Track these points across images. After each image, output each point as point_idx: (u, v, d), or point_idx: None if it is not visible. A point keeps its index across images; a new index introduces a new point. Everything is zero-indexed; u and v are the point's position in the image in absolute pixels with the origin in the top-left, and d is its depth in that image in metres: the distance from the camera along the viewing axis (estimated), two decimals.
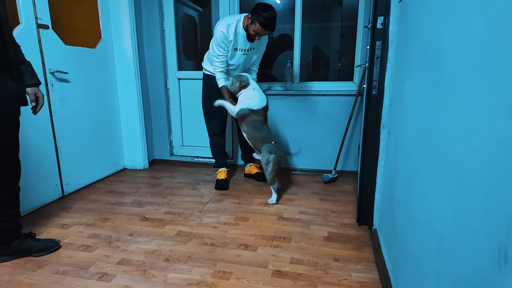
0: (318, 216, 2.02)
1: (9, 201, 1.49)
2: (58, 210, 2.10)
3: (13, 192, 1.51)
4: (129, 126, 2.95)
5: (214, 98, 2.32)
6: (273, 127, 2.84)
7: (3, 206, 1.47)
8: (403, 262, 1.12)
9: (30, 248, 1.55)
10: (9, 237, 1.52)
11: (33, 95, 1.50)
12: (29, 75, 1.49)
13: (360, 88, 2.57)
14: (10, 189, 1.49)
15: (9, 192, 1.49)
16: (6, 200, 1.48)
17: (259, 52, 2.43)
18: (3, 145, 1.41)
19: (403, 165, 1.22)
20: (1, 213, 1.48)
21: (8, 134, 1.42)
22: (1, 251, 1.52)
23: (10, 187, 1.49)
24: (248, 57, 2.38)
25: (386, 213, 1.53)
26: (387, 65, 1.64)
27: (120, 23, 2.76)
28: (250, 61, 2.43)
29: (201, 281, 1.39)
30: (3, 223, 1.49)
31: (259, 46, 2.39)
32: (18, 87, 1.44)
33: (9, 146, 1.44)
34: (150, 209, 2.12)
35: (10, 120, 1.42)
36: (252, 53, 2.38)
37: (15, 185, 1.51)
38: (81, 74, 2.46)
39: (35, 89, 1.51)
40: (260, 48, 2.42)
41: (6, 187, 1.47)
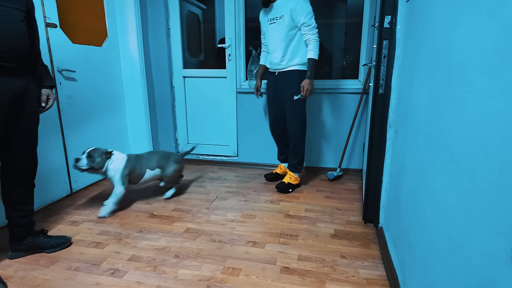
0: (324, 213, 2.04)
1: (25, 197, 1.53)
2: (67, 207, 2.13)
3: (30, 188, 1.54)
4: (135, 123, 2.98)
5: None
6: None
7: (20, 202, 1.51)
8: (411, 259, 1.14)
9: (42, 244, 1.58)
10: (23, 233, 1.55)
11: (45, 96, 1.54)
12: (45, 77, 1.55)
13: (365, 86, 2.58)
14: (28, 185, 1.53)
15: (27, 188, 1.52)
16: (23, 196, 1.52)
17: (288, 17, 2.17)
18: (31, 143, 1.48)
19: (410, 163, 1.24)
20: (16, 209, 1.51)
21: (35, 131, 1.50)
22: (15, 247, 1.55)
23: (28, 183, 1.52)
24: (279, 27, 2.23)
25: (392, 211, 1.55)
26: (394, 64, 1.66)
27: (126, 21, 2.78)
28: (282, 33, 2.22)
29: (211, 277, 1.41)
30: (18, 218, 1.52)
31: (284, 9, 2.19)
32: (38, 88, 1.50)
33: (32, 141, 1.49)
34: (158, 206, 2.15)
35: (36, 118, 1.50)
36: (281, 21, 2.22)
37: (32, 182, 1.55)
38: (87, 73, 2.48)
39: (48, 90, 1.56)
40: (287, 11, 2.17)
41: (24, 183, 1.51)
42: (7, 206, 1.51)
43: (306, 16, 2.14)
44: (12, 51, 1.30)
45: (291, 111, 2.33)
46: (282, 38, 2.23)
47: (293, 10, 2.14)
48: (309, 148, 2.90)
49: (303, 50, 2.24)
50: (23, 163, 1.48)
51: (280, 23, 2.22)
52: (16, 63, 1.33)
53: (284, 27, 2.20)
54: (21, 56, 1.34)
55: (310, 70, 2.21)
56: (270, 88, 2.47)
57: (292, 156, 2.45)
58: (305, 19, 2.14)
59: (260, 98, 2.88)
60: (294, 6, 2.13)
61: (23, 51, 1.34)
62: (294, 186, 2.45)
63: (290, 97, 2.29)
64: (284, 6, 2.18)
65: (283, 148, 2.62)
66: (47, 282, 1.38)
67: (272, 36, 2.29)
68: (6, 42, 1.27)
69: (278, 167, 2.67)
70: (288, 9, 2.16)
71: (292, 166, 2.46)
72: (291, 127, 2.36)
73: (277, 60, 2.30)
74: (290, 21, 2.18)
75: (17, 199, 1.50)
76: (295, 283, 1.37)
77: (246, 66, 2.94)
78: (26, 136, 1.46)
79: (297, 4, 2.13)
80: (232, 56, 2.90)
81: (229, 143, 3.12)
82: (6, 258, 1.54)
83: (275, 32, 2.26)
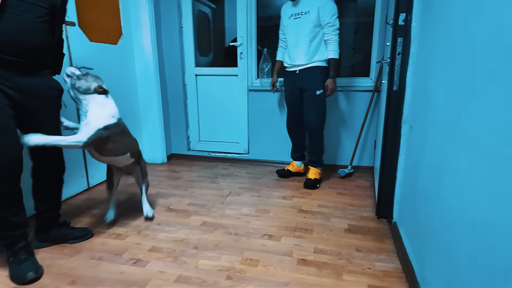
0: (337, 209, 2.07)
1: (54, 193, 1.59)
2: (86, 201, 2.18)
3: (59, 184, 1.60)
4: (148, 121, 3.03)
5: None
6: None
7: (49, 198, 1.57)
8: (429, 249, 1.17)
9: (66, 235, 1.64)
10: (48, 225, 1.61)
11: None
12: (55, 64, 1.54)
13: (377, 84, 2.60)
14: (56, 182, 1.59)
15: (55, 184, 1.59)
16: (52, 192, 1.59)
17: (314, 14, 2.21)
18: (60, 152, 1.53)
19: (429, 157, 1.27)
20: (45, 204, 1.57)
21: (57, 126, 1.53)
22: (41, 237, 1.61)
23: (57, 179, 1.58)
24: (304, 22, 2.26)
25: (407, 206, 1.58)
26: (409, 61, 1.68)
27: (140, 20, 2.83)
28: (307, 29, 2.25)
29: (230, 267, 1.45)
30: (45, 212, 1.58)
31: (311, 5, 2.23)
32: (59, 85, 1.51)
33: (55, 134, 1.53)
34: (174, 201, 2.20)
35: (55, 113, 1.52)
36: (306, 17, 2.25)
37: (61, 178, 1.61)
38: (103, 70, 2.52)
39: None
40: (314, 8, 2.21)
41: (53, 179, 1.57)
42: (36, 200, 1.56)
43: (332, 16, 2.21)
44: (18, 46, 1.26)
45: (312, 107, 2.37)
46: (306, 33, 2.27)
47: (321, 8, 2.20)
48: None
49: (323, 48, 2.30)
50: (50, 159, 1.52)
51: (305, 19, 2.26)
52: (24, 58, 1.29)
53: (310, 23, 2.24)
54: (29, 52, 1.30)
55: (333, 69, 2.29)
56: (289, 85, 2.49)
57: (313, 152, 2.49)
58: (330, 19, 2.21)
59: (271, 97, 2.91)
60: (323, 5, 2.20)
61: (33, 47, 1.30)
62: (319, 181, 2.50)
63: (312, 93, 2.33)
64: (312, 3, 2.23)
65: (299, 146, 2.65)
66: (73, 270, 1.43)
67: (295, 31, 2.32)
68: (10, 36, 1.22)
69: (291, 164, 2.70)
70: (316, 6, 2.21)
71: (314, 162, 2.51)
72: (312, 122, 2.40)
73: (298, 56, 2.33)
74: (316, 18, 2.22)
75: (46, 194, 1.56)
76: (313, 274, 1.41)
77: (257, 64, 2.98)
78: (48, 130, 1.45)
79: (325, 3, 2.20)
80: (244, 54, 2.94)
81: (240, 141, 3.16)
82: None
83: (299, 27, 2.29)
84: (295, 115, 2.53)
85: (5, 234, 1.37)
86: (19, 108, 1.33)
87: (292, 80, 2.45)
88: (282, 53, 2.55)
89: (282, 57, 2.55)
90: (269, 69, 2.91)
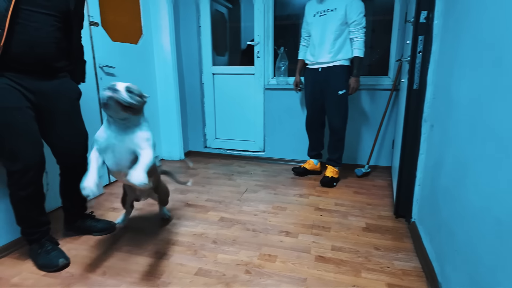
0: (354, 208, 2.07)
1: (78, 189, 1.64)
2: (108, 196, 2.25)
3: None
4: (166, 118, 3.09)
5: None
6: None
7: (74, 195, 1.62)
8: (451, 249, 1.16)
9: (90, 227, 1.71)
10: (74, 217, 1.69)
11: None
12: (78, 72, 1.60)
13: (395, 83, 2.58)
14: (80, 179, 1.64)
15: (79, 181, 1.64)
16: (77, 189, 1.63)
17: (342, 12, 2.21)
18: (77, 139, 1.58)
19: (451, 156, 1.25)
20: (70, 200, 1.65)
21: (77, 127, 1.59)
22: (67, 227, 1.70)
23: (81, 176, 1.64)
24: (330, 19, 2.25)
25: (427, 205, 1.56)
26: (430, 59, 1.66)
27: (160, 20, 2.89)
28: (334, 26, 2.24)
29: (248, 262, 1.48)
30: (70, 207, 1.67)
31: (339, 3, 2.22)
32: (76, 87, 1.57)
33: (78, 137, 1.59)
34: (192, 197, 2.24)
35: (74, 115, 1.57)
36: (333, 14, 2.24)
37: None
38: (124, 69, 2.60)
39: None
40: (342, 6, 2.20)
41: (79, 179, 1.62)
42: (63, 197, 1.64)
43: (359, 14, 2.22)
44: (33, 55, 1.30)
45: (335, 106, 2.37)
46: (332, 31, 2.26)
47: (348, 6, 2.20)
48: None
49: (348, 46, 2.29)
50: (74, 158, 1.56)
51: (332, 16, 2.25)
52: (40, 66, 1.34)
53: (337, 20, 2.24)
54: (44, 60, 1.35)
55: (357, 68, 2.29)
56: (310, 83, 2.49)
57: (333, 151, 2.49)
58: (357, 17, 2.21)
59: (287, 95, 2.92)
60: (350, 3, 2.20)
61: (46, 55, 1.35)
62: (336, 179, 2.49)
63: (334, 92, 2.33)
64: (339, 0, 2.23)
65: (316, 144, 2.65)
66: (98, 260, 1.48)
67: (321, 28, 2.31)
68: (25, 47, 1.27)
69: (307, 162, 2.70)
70: (344, 4, 2.21)
71: (333, 160, 2.50)
72: (335, 122, 2.40)
73: (322, 53, 2.33)
74: (343, 16, 2.22)
75: (71, 192, 1.62)
76: (331, 271, 1.41)
77: (274, 63, 2.99)
78: (69, 131, 1.51)
79: (353, 1, 2.20)
80: (261, 53, 2.96)
81: (255, 139, 3.18)
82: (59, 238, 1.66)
83: (325, 24, 2.28)
84: (315, 113, 2.53)
85: (32, 231, 1.46)
86: (39, 110, 1.39)
87: (313, 77, 2.44)
88: (304, 52, 2.54)
89: (304, 56, 2.54)
90: (286, 67, 2.92)
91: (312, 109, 2.53)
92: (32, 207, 1.41)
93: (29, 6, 1.24)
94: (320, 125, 2.58)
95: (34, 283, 1.34)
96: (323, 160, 2.75)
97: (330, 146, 2.52)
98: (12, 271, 1.42)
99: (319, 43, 2.33)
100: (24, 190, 1.34)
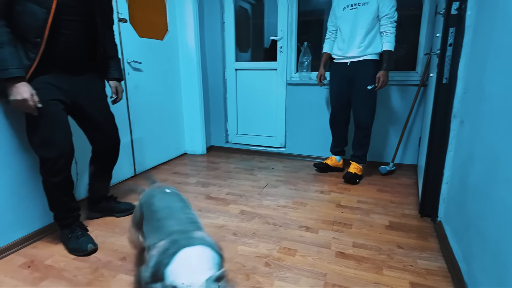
0: (378, 205, 2.02)
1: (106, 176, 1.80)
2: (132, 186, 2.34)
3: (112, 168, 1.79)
4: (190, 113, 3.16)
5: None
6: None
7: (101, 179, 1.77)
8: (479, 249, 1.11)
9: (113, 208, 1.85)
10: (99, 198, 1.83)
11: (114, 88, 1.70)
12: (113, 69, 1.69)
13: (423, 78, 2.49)
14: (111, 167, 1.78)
15: (108, 170, 1.79)
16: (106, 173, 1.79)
17: (374, 5, 2.17)
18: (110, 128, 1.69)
19: (482, 153, 1.20)
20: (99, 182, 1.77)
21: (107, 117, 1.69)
22: (91, 207, 1.83)
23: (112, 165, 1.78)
24: (362, 13, 2.20)
25: (454, 204, 1.50)
26: (461, 52, 1.59)
27: (184, 16, 2.94)
28: (365, 20, 2.20)
29: (268, 255, 1.49)
30: (97, 190, 1.79)
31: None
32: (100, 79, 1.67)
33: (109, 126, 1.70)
34: (213, 190, 2.28)
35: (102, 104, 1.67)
36: (365, 8, 2.20)
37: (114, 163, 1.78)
38: (151, 64, 2.68)
39: (116, 83, 1.71)
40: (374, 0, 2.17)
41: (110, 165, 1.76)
42: (94, 177, 1.76)
43: (391, 8, 2.18)
44: (67, 58, 1.44)
45: (363, 101, 2.33)
46: (363, 24, 2.22)
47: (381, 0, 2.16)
48: None
49: (378, 40, 2.25)
50: (109, 140, 1.68)
51: (364, 10, 2.21)
52: (72, 65, 1.48)
53: (369, 14, 2.19)
54: (76, 60, 1.49)
55: (386, 61, 2.23)
56: (336, 77, 2.44)
57: (358, 147, 2.44)
58: (389, 11, 2.17)
59: (309, 91, 2.89)
60: None
61: (79, 56, 1.48)
62: (360, 176, 2.45)
63: (363, 87, 2.29)
64: None
65: (339, 141, 2.61)
66: (124, 248, 1.55)
67: (351, 22, 2.25)
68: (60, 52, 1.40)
69: (329, 158, 2.67)
70: None
71: (358, 157, 2.45)
72: (362, 118, 2.35)
73: (352, 47, 2.28)
74: (376, 10, 2.18)
75: (104, 172, 1.76)
76: (352, 267, 1.40)
77: (296, 58, 2.97)
78: (101, 118, 1.62)
79: None
80: (284, 48, 2.94)
81: (277, 135, 3.18)
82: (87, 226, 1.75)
83: (356, 18, 2.23)
84: (340, 109, 2.48)
85: (64, 216, 1.56)
86: (74, 103, 1.50)
87: (341, 72, 2.39)
88: (330, 45, 2.49)
89: (330, 49, 2.49)
90: (309, 63, 2.90)
91: (337, 104, 2.49)
92: (63, 193, 1.50)
93: (64, 16, 1.35)
94: (345, 121, 2.53)
95: (65, 265, 1.42)
96: (346, 157, 2.71)
97: (355, 142, 2.47)
98: (45, 253, 1.51)
99: (349, 38, 2.28)
100: (56, 176, 1.43)
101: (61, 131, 1.42)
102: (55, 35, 1.34)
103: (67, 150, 1.44)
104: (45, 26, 1.29)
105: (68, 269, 1.39)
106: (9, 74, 1.23)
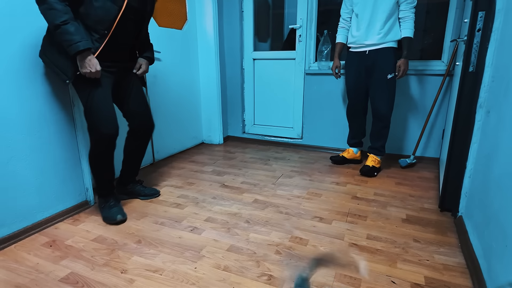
0: (395, 198, 1.97)
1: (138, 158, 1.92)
2: (152, 173, 2.40)
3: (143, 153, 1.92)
4: (208, 103, 3.18)
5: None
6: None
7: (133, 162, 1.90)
8: (501, 245, 1.06)
9: (139, 191, 1.96)
10: (128, 180, 1.93)
11: (138, 64, 1.78)
12: (145, 51, 1.81)
13: (449, 68, 2.36)
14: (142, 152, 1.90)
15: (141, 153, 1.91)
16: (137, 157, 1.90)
17: None
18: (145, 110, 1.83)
19: (507, 145, 1.13)
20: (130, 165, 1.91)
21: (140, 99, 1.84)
22: (119, 189, 1.93)
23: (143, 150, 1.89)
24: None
25: (477, 198, 1.43)
26: (490, 38, 1.49)
27: (204, 5, 2.94)
28: (387, 6, 2.10)
29: (279, 243, 1.49)
30: (127, 172, 1.92)
31: None
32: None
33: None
34: (228, 178, 2.30)
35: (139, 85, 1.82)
36: None
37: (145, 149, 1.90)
38: (169, 54, 2.71)
39: (142, 60, 1.79)
40: None
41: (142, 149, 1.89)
42: (127, 157, 1.87)
43: None
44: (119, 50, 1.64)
45: (382, 91, 2.24)
46: (384, 10, 2.12)
47: None
48: None
49: (397, 27, 2.16)
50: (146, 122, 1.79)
51: None
52: (122, 55, 1.68)
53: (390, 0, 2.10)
54: (126, 50, 1.69)
55: (406, 49, 2.14)
56: (353, 67, 2.35)
57: (377, 139, 2.37)
58: None
59: (328, 80, 2.83)
60: None
61: (129, 48, 1.70)
62: (378, 169, 2.39)
63: (383, 76, 2.21)
64: None
65: (357, 132, 2.54)
66: (139, 231, 1.60)
67: (371, 8, 2.15)
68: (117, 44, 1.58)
69: (346, 151, 2.61)
70: None
71: (376, 149, 2.39)
72: (381, 108, 2.27)
73: (371, 35, 2.18)
74: None
75: (137, 152, 1.86)
76: (365, 259, 1.37)
77: (316, 47, 2.90)
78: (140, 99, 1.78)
79: None
80: (303, 37, 2.88)
81: (294, 126, 3.15)
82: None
83: (376, 3, 2.13)
84: (358, 99, 2.41)
85: (103, 187, 1.73)
86: (119, 85, 1.71)
87: (359, 61, 2.30)
88: (344, 34, 2.40)
89: (344, 39, 2.40)
90: (328, 51, 2.82)
91: (355, 94, 2.41)
92: (105, 169, 1.68)
93: (127, 14, 1.53)
94: (363, 112, 2.46)
95: (84, 246, 1.48)
96: (364, 149, 2.64)
97: (373, 133, 2.39)
98: (66, 234, 1.59)
99: (368, 24, 2.18)
100: (103, 154, 1.61)
101: (110, 116, 1.58)
102: (116, 30, 1.51)
103: (115, 132, 1.59)
104: (114, 20, 1.47)
105: (87, 250, 1.45)
106: (79, 47, 1.37)
